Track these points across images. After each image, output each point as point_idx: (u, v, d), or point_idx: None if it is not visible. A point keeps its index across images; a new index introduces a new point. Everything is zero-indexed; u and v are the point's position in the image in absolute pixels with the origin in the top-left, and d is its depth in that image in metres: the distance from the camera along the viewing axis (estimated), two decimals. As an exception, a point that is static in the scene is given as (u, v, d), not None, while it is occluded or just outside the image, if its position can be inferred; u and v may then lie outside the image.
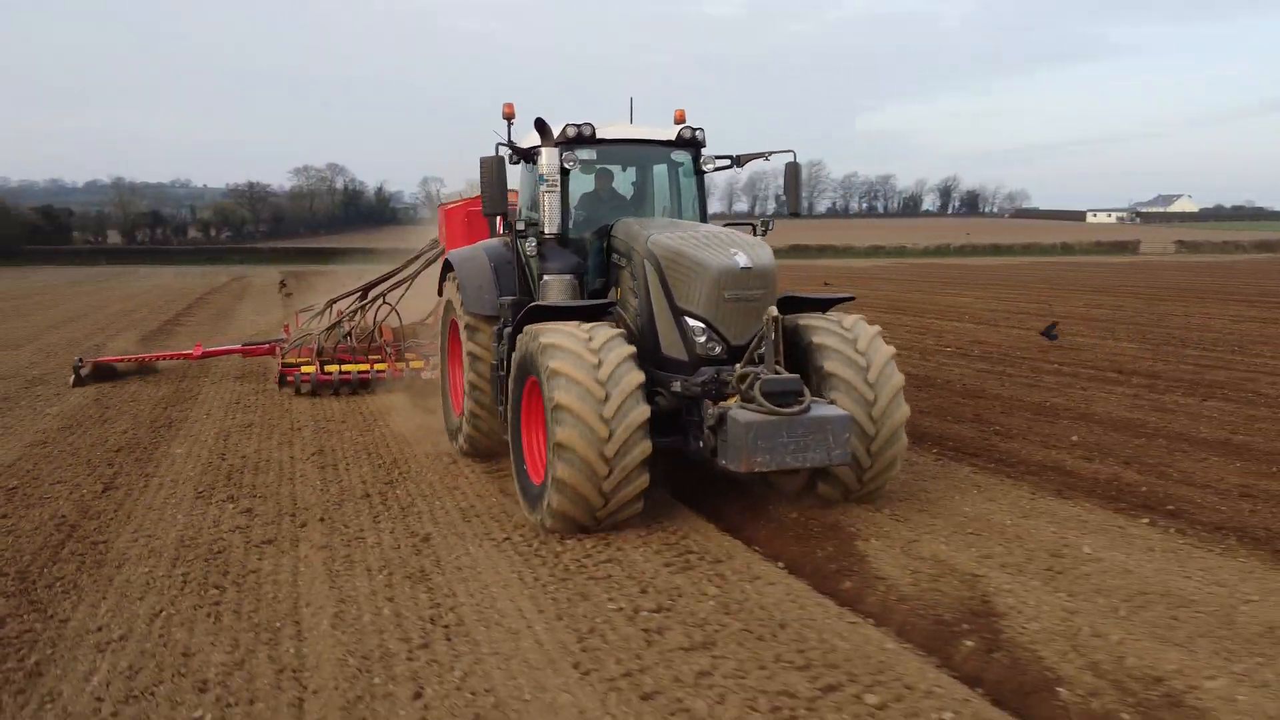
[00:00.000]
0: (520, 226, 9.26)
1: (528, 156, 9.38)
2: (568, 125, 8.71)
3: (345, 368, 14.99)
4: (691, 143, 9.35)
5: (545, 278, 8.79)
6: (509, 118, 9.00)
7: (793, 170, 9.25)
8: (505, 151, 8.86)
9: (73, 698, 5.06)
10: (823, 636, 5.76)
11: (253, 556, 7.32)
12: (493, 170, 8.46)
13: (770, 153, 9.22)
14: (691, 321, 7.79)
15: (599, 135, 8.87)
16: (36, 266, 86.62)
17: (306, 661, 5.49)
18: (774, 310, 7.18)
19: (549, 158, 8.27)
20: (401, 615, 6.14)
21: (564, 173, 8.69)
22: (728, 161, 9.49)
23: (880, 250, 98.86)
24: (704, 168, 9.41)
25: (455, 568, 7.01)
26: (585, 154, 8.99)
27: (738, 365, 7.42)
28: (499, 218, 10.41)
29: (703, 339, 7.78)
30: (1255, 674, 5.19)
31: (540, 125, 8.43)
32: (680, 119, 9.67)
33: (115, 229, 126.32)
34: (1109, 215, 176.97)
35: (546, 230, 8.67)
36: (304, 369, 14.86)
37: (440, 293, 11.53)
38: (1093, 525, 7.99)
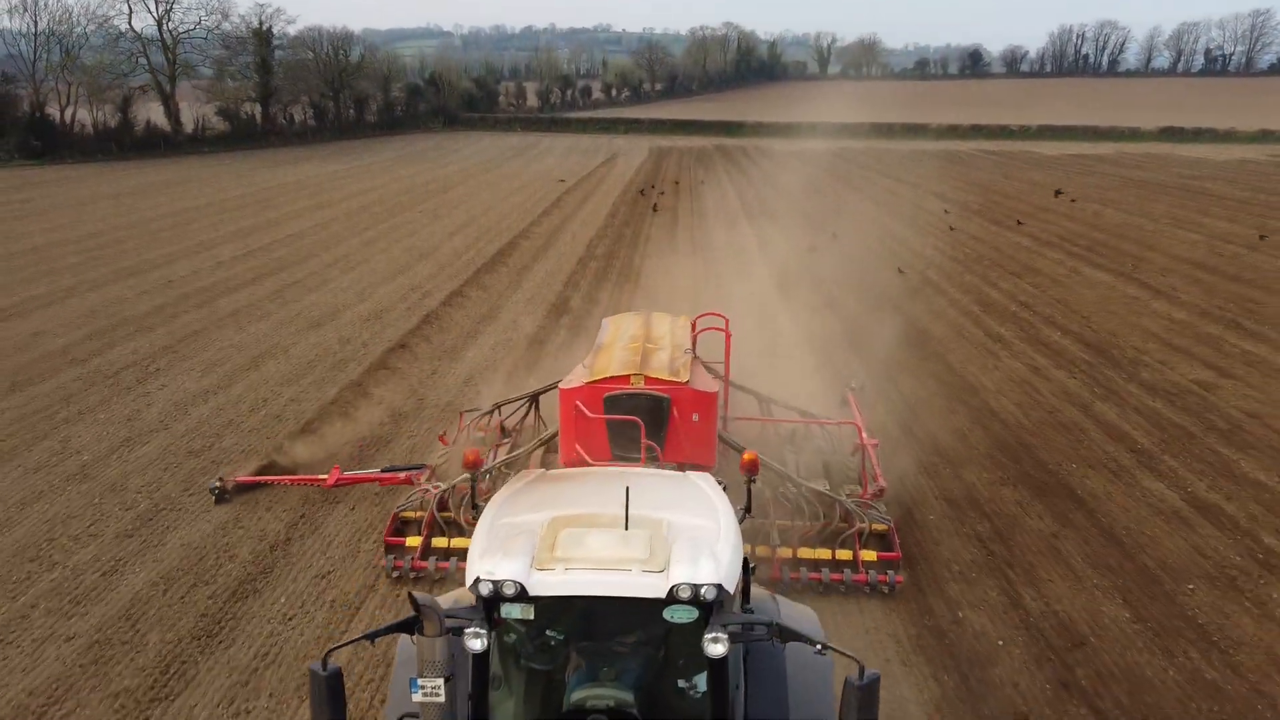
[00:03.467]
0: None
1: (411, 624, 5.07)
2: (480, 580, 4.95)
3: (464, 542, 10.71)
4: (695, 602, 4.95)
5: None
6: (472, 469, 6.70)
7: (855, 697, 4.76)
8: (334, 664, 4.85)
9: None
10: None
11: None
12: (321, 697, 4.83)
13: (826, 647, 5.05)
14: None
15: (534, 592, 4.98)
16: (470, 132, 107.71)
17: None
18: None
19: (427, 652, 4.88)
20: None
21: (479, 659, 5.13)
22: (763, 630, 5.04)
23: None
24: (711, 647, 4.88)
25: None
26: (519, 610, 5.05)
27: None
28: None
29: None
30: None
31: (415, 603, 4.86)
32: (750, 464, 6.45)
33: (534, 85, 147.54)
34: None
35: None
36: (410, 540, 11.28)
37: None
38: None
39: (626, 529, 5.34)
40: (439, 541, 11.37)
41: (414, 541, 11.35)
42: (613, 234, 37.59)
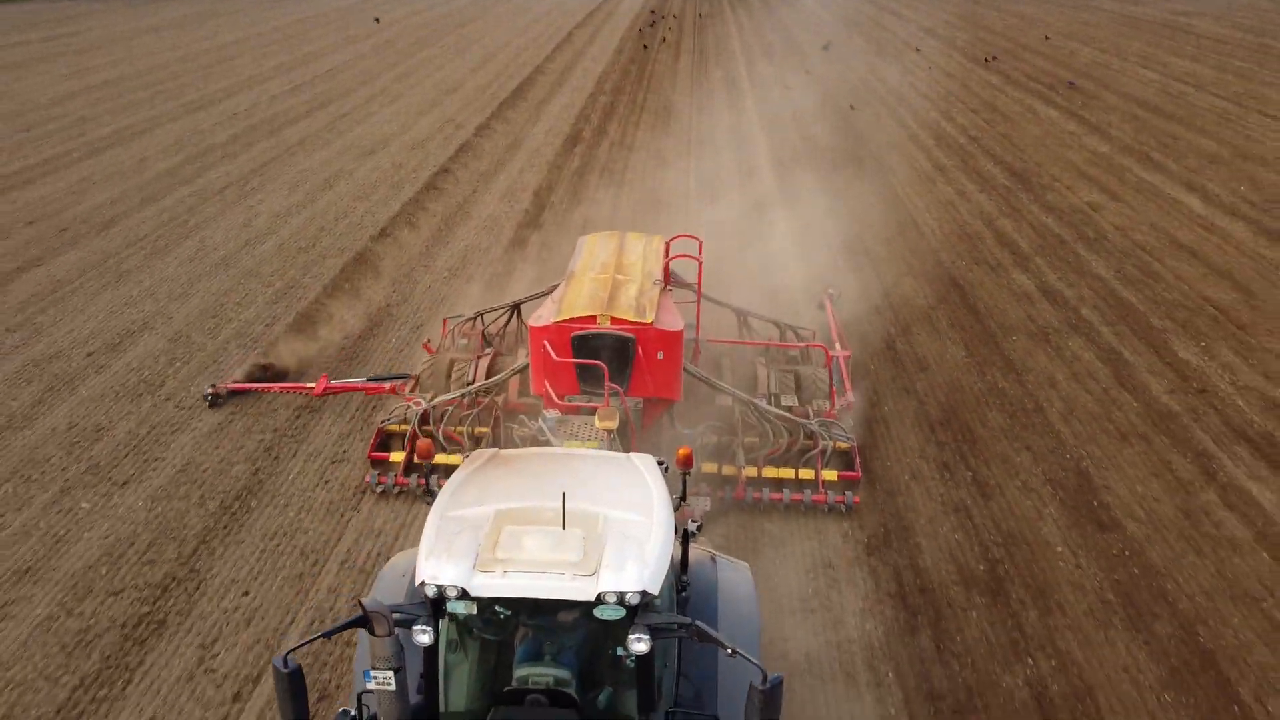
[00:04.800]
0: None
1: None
2: (425, 583, 5.55)
3: (444, 458, 11.64)
4: (622, 604, 5.54)
5: None
6: (424, 459, 7.20)
7: (758, 700, 5.18)
8: (295, 663, 5.29)
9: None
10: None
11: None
12: (284, 690, 5.28)
13: (735, 651, 5.35)
14: None
15: (474, 594, 5.56)
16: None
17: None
18: None
19: (378, 649, 5.39)
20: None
21: (428, 650, 5.76)
22: (682, 631, 5.62)
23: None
24: (635, 645, 5.40)
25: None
26: (463, 607, 5.67)
27: None
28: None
29: None
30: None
31: (364, 609, 5.31)
32: (684, 459, 7.16)
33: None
34: None
35: None
36: (394, 455, 11.95)
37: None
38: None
39: (564, 528, 5.78)
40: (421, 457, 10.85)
41: (397, 457, 12.01)
42: (619, 70, 41.17)
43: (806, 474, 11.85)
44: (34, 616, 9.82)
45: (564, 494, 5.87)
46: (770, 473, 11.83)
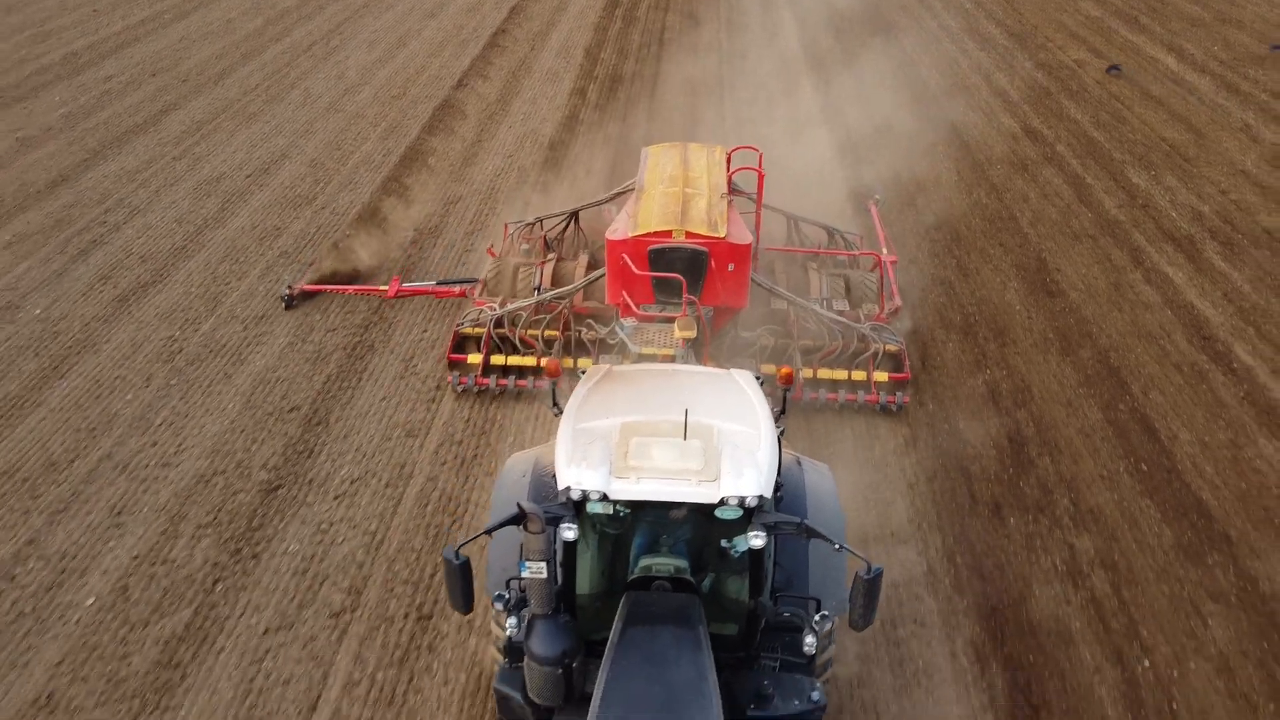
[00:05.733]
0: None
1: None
2: (570, 488, 6.21)
3: (519, 360, 12.74)
4: (740, 507, 6.22)
5: (529, 665, 6.29)
6: (553, 376, 7.84)
7: (862, 587, 6.08)
8: (464, 555, 6.18)
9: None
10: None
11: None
12: (454, 578, 6.20)
13: (842, 547, 6.26)
14: None
15: (614, 498, 6.26)
16: None
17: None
18: None
19: (532, 544, 6.00)
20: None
21: (569, 545, 6.44)
22: (791, 528, 6.36)
23: None
24: (753, 541, 6.17)
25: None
26: (601, 508, 6.37)
27: None
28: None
29: None
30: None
31: (522, 509, 6.05)
32: (786, 378, 7.71)
33: None
34: None
35: (535, 609, 6.26)
36: (471, 357, 12.83)
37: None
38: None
39: (685, 439, 6.43)
40: (497, 359, 12.76)
41: (475, 359, 12.82)
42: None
43: (859, 375, 12.62)
44: (279, 343, 13.80)
45: (685, 410, 6.60)
46: (825, 374, 12.61)
